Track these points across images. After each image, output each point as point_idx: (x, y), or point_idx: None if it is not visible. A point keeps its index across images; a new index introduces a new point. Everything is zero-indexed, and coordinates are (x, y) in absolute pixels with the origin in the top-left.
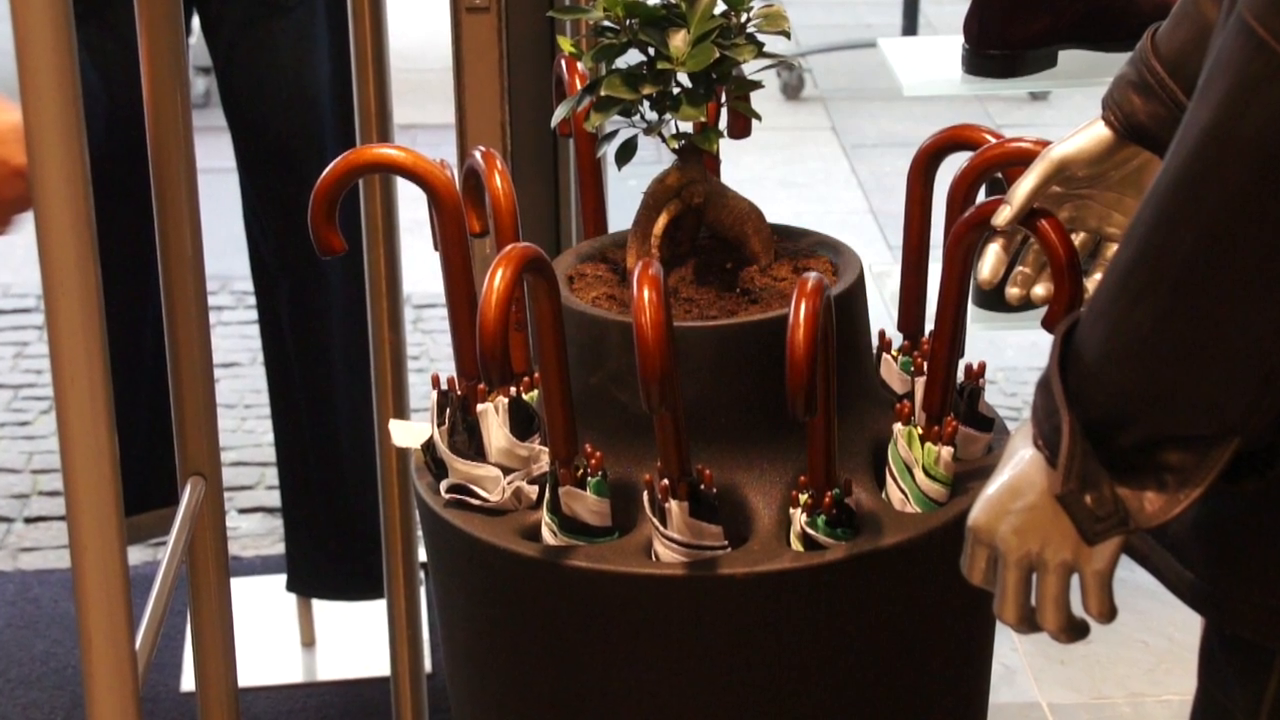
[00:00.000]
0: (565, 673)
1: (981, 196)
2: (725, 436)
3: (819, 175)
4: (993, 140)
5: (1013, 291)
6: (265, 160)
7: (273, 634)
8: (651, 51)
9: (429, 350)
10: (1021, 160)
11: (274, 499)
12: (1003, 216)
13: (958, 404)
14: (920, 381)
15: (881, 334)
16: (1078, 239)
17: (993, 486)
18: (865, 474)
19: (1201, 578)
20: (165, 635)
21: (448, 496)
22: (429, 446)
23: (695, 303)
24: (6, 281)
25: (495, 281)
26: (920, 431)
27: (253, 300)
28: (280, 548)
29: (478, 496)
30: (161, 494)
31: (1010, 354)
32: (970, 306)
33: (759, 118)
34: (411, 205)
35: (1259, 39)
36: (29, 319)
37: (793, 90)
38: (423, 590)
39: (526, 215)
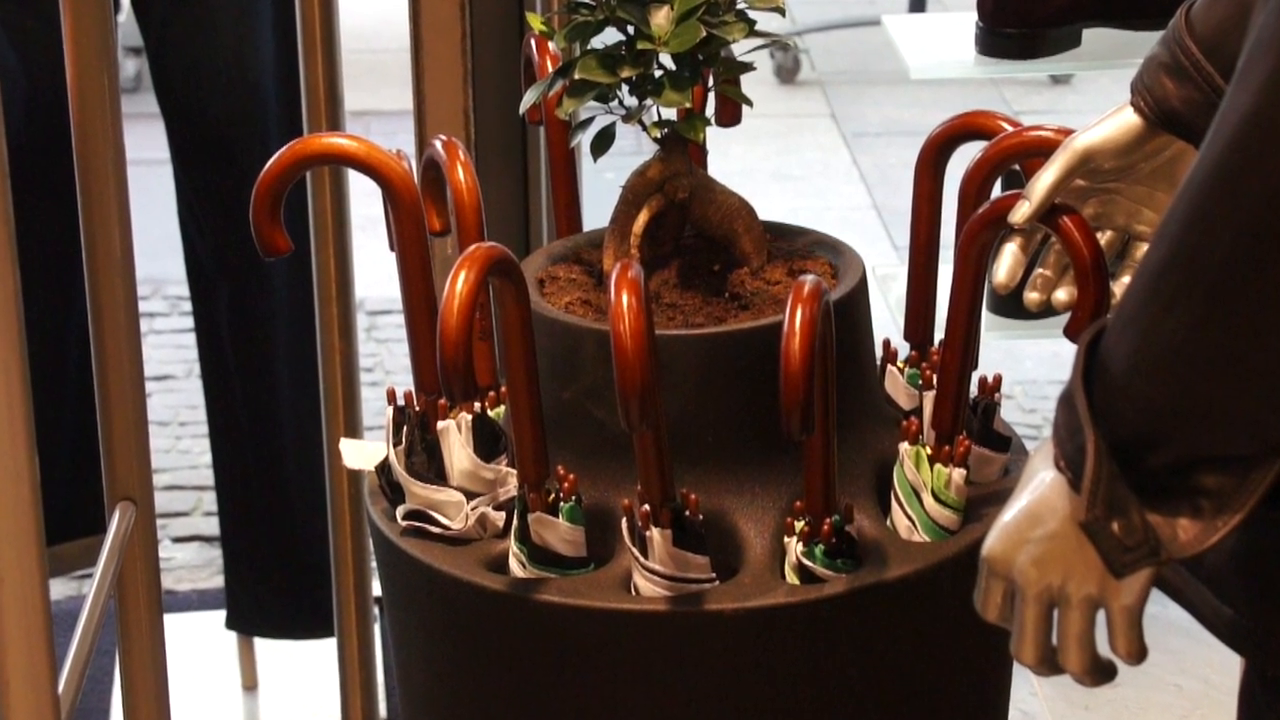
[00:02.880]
0: (535, 719)
1: (997, 191)
2: (713, 457)
3: (817, 167)
4: (1009, 128)
5: (1032, 296)
6: (202, 151)
7: (210, 676)
8: (631, 30)
9: (384, 362)
10: (1041, 150)
11: (212, 526)
12: (1020, 213)
13: (971, 421)
14: (929, 396)
15: (886, 344)
16: (1104, 238)
17: (1010, 513)
18: (868, 499)
19: (1241, 614)
20: (91, 678)
21: (405, 524)
22: (384, 468)
23: (679, 309)
24: None
25: (457, 285)
26: (929, 452)
27: (188, 306)
28: (219, 580)
29: (438, 524)
30: (87, 521)
31: (1029, 365)
32: (985, 313)
33: (750, 103)
34: (365, 201)
35: None
36: None
37: (788, 73)
38: (377, 628)
39: (492, 212)
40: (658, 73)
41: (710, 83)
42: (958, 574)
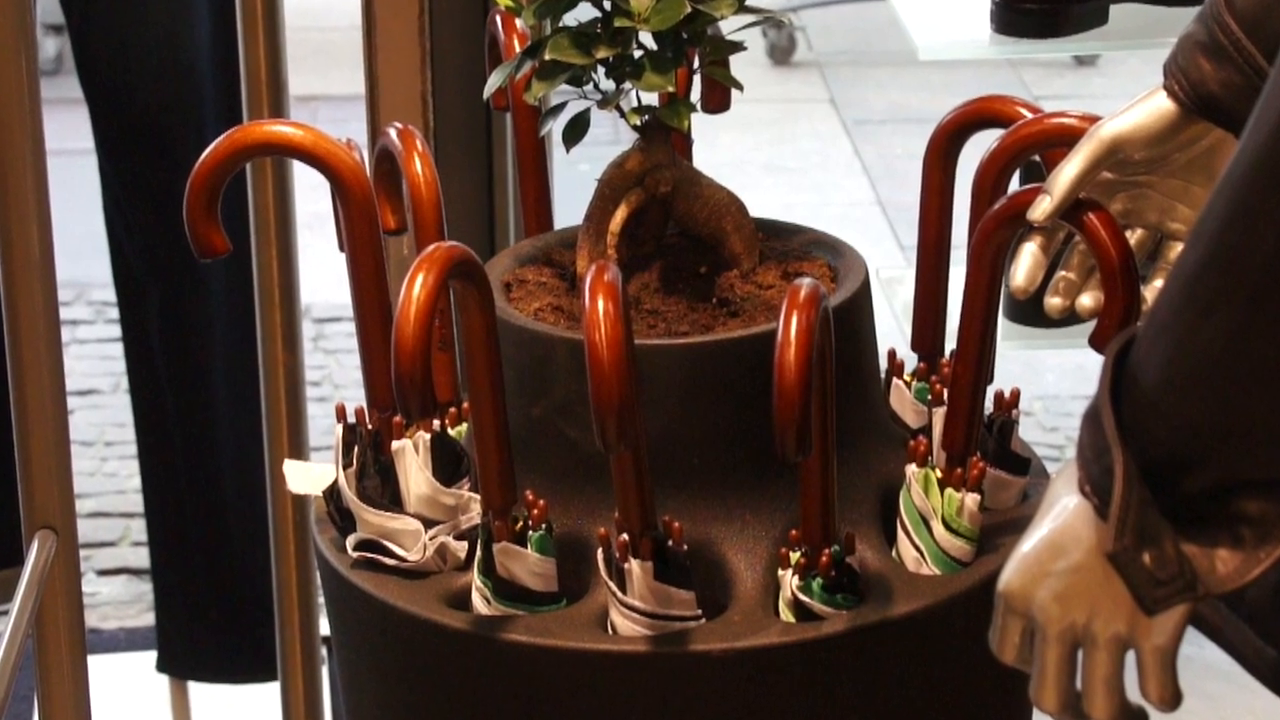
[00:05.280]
0: None
1: (1015, 185)
2: (698, 481)
3: (814, 158)
4: (1029, 115)
5: (1053, 302)
6: (131, 140)
7: None
8: (607, 5)
9: (332, 374)
10: (1064, 140)
11: (141, 558)
12: (1041, 209)
13: (985, 441)
14: (939, 413)
15: (891, 354)
16: (1133, 237)
17: (1029, 543)
18: (871, 527)
19: None
20: None
21: (355, 555)
22: (332, 493)
23: (662, 316)
24: None
25: (414, 290)
26: (939, 475)
27: (115, 313)
28: (149, 618)
29: (393, 555)
30: (2, 552)
31: (1050, 379)
32: (1001, 320)
33: (740, 87)
34: (311, 196)
35: None
36: None
37: (782, 53)
38: (325, 670)
39: (453, 208)
40: (637, 53)
41: (696, 64)
42: (971, 611)
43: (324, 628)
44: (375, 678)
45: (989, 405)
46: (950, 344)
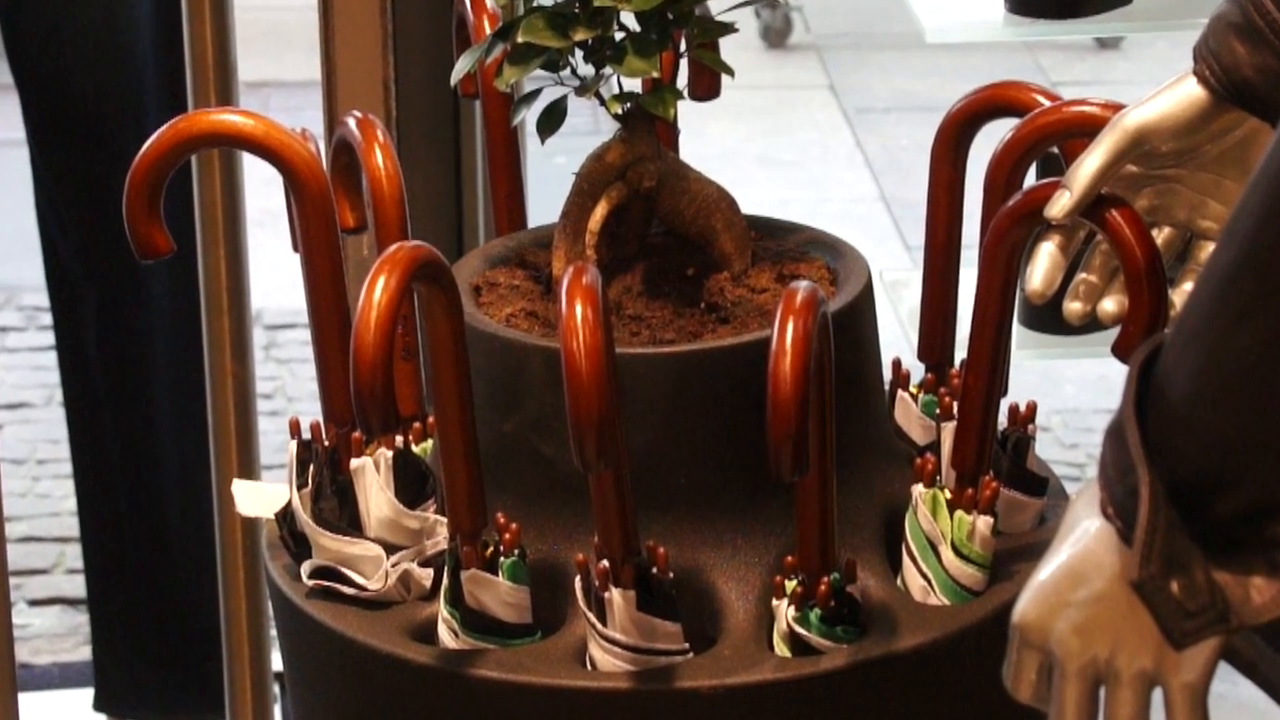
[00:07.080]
0: None
1: (1031, 179)
2: (686, 503)
3: (812, 150)
4: (1046, 103)
5: (1073, 307)
6: (65, 130)
7: None
8: None
9: (286, 386)
10: (1085, 130)
11: (77, 587)
12: (1060, 206)
13: (999, 458)
14: (948, 428)
15: (896, 364)
16: (1160, 236)
17: (1046, 570)
18: (874, 553)
19: None
20: None
21: (311, 583)
22: (286, 516)
23: (645, 322)
24: None
25: (375, 294)
26: (948, 496)
27: (48, 319)
28: (85, 652)
29: (351, 583)
30: None
31: (1070, 391)
32: (1016, 327)
33: (731, 73)
34: (262, 191)
35: None
36: None
37: (777, 35)
38: (277, 709)
39: (417, 204)
40: (619, 35)
41: (682, 47)
42: (983, 644)
43: (276, 662)
44: (332, 717)
45: (1002, 420)
46: (960, 353)
